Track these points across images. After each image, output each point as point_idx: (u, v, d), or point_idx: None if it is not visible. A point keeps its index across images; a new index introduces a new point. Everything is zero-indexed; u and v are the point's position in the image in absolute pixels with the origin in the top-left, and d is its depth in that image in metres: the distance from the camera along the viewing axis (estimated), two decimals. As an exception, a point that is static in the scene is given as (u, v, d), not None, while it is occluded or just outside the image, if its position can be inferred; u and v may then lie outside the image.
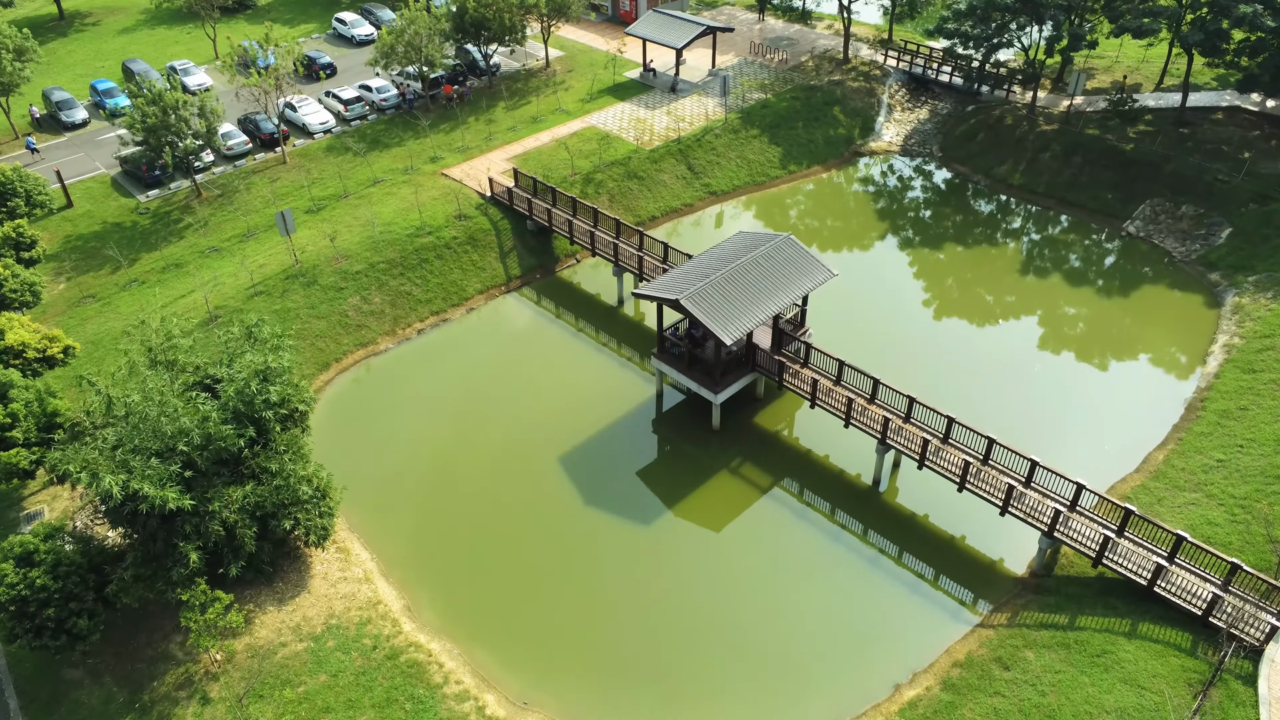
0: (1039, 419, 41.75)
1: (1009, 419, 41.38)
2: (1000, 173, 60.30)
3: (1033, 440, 40.18)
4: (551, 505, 38.73)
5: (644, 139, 60.46)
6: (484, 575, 35.98)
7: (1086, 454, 39.90)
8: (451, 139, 61.22)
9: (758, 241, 42.29)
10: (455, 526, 37.94)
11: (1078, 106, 62.37)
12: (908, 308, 49.52)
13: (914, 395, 37.93)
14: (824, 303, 47.12)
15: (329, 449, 40.89)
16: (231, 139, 59.49)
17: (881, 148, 64.81)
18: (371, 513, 38.52)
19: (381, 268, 49.49)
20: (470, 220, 52.97)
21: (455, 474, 40.22)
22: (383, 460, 40.88)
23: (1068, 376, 44.41)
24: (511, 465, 40.51)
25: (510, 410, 43.32)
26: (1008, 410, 42.02)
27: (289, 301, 46.96)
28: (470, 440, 41.84)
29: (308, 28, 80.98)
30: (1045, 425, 41.38)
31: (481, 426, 42.55)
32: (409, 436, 42.04)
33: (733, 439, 41.86)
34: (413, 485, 39.74)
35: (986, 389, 43.43)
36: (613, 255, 48.57)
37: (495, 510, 38.55)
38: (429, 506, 38.81)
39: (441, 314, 49.34)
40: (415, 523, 38.16)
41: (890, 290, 50.84)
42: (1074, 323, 48.29)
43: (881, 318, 48.50)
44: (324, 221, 52.96)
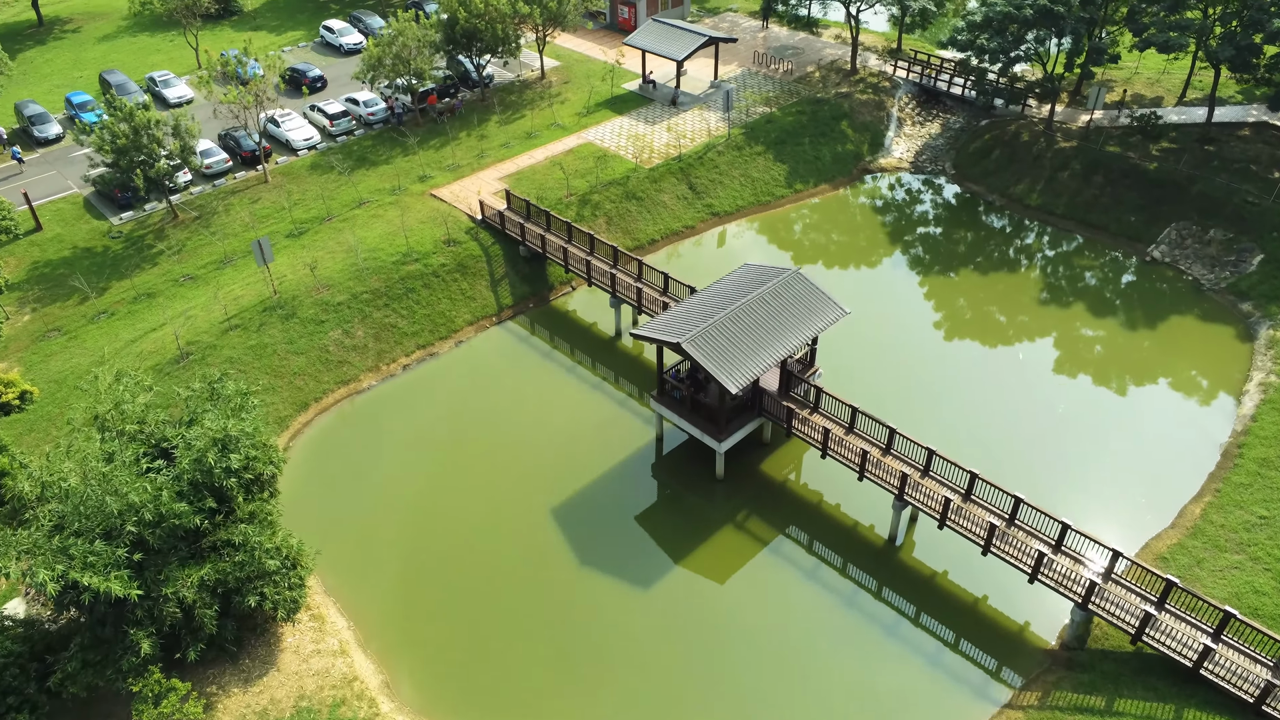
0: (1065, 466, 39.05)
1: (1032, 466, 38.77)
2: (1017, 192, 57.51)
3: (1060, 491, 37.62)
4: (545, 562, 36.04)
5: (643, 156, 57.67)
6: (471, 642, 33.27)
7: (1117, 506, 37.22)
8: (441, 156, 58.41)
9: (764, 276, 39.55)
10: (441, 586, 35.23)
11: (1097, 121, 59.57)
12: (921, 338, 46.78)
13: (933, 447, 35.18)
14: (834, 334, 44.38)
15: (305, 500, 38.25)
16: (210, 157, 56.69)
17: (891, 164, 62.01)
18: (350, 572, 35.81)
19: (365, 298, 46.72)
20: (460, 246, 50.19)
21: (441, 526, 37.51)
22: (363, 511, 38.17)
23: (1093, 417, 41.67)
24: (502, 517, 37.81)
25: (501, 455, 40.62)
26: (1031, 456, 39.36)
27: (266, 336, 44.20)
28: (458, 488, 39.14)
29: (295, 35, 78.10)
30: (1072, 473, 38.67)
31: (470, 473, 39.85)
32: (392, 485, 39.32)
33: (738, 487, 39.16)
34: (395, 540, 37.03)
35: (1007, 431, 40.72)
36: (609, 286, 45.82)
37: (484, 568, 35.86)
38: (413, 564, 36.10)
39: (428, 347, 46.59)
40: (397, 582, 35.45)
41: (903, 320, 48.08)
42: (1098, 357, 45.55)
43: (894, 350, 45.76)
44: (305, 247, 50.20)
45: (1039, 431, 40.89)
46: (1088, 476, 38.65)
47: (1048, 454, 39.69)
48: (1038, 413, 41.93)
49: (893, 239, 55.11)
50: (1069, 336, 46.92)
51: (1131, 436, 40.60)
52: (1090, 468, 39.06)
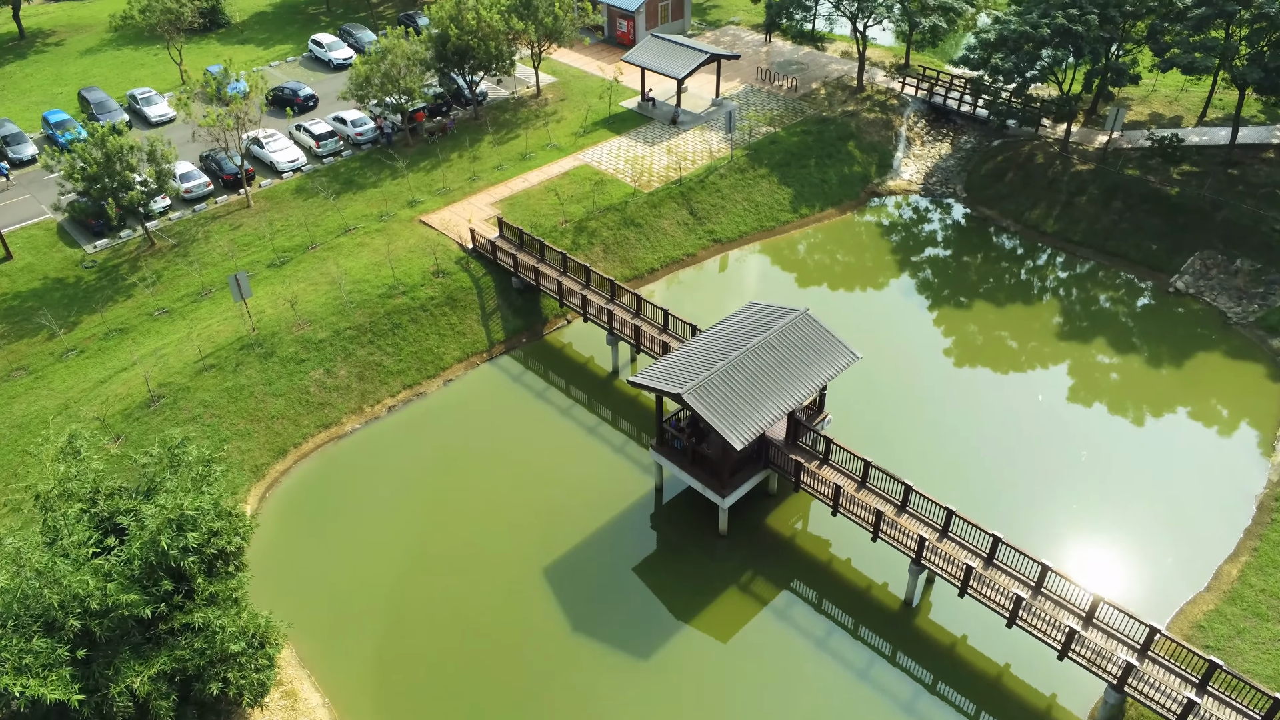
0: (1090, 521, 36.64)
1: (1055, 520, 36.42)
2: (1031, 218, 55.12)
3: (1086, 551, 35.28)
4: (536, 627, 33.61)
5: (642, 180, 55.29)
6: (458, 716, 30.92)
7: (1147, 567, 34.84)
8: (432, 179, 56.03)
9: (770, 318, 37.17)
10: (425, 655, 32.79)
11: (1115, 143, 57.21)
12: (934, 376, 44.37)
13: (952, 507, 32.75)
14: (843, 373, 41.97)
15: (280, 558, 35.86)
16: (190, 180, 54.30)
17: (900, 187, 59.62)
18: (327, 639, 33.39)
19: (349, 335, 44.31)
20: (449, 277, 47.79)
21: (427, 587, 35.07)
22: (342, 571, 35.74)
23: (1117, 465, 39.26)
24: (491, 576, 35.38)
25: (490, 505, 38.21)
26: (1053, 510, 36.98)
27: (242, 377, 41.79)
28: (445, 544, 36.72)
29: (282, 49, 75.73)
30: (1098, 529, 36.26)
31: (458, 526, 37.43)
32: (374, 540, 36.89)
33: (742, 542, 36.74)
34: (376, 602, 34.59)
35: (1027, 482, 38.31)
36: (606, 322, 43.42)
37: (471, 633, 33.42)
38: (395, 629, 33.66)
39: (415, 387, 44.18)
40: (378, 651, 33.01)
41: (914, 355, 45.68)
42: (1120, 397, 43.14)
43: (906, 389, 43.35)
44: (287, 278, 47.80)
45: (1061, 482, 38.47)
46: (1114, 533, 36.24)
47: (1071, 507, 37.28)
48: (1059, 460, 39.51)
49: (903, 267, 52.70)
50: (1089, 374, 44.53)
51: (1158, 487, 38.19)
52: (1116, 523, 36.65)
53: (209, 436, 39.49)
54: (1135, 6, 50.76)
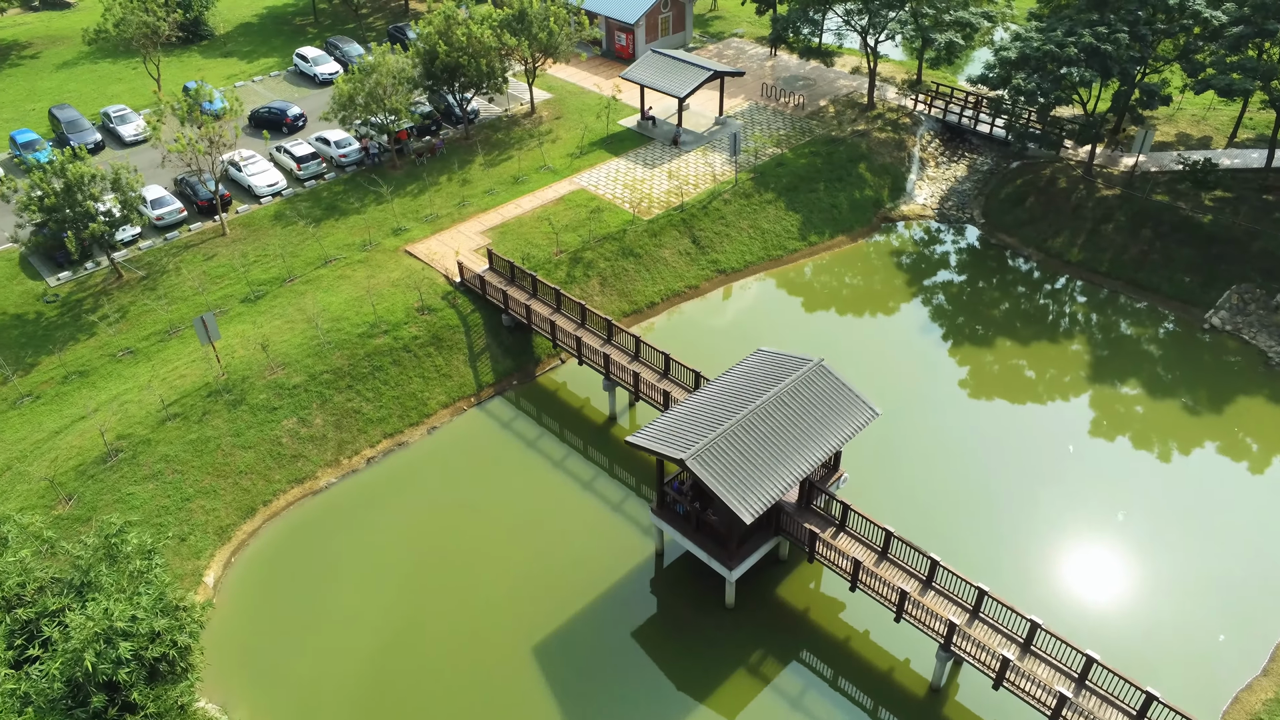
0: (1133, 595, 33.45)
1: (1096, 597, 33.18)
2: (1054, 246, 51.94)
3: (1130, 631, 32.02)
4: (528, 710, 30.43)
5: (641, 205, 52.15)
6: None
7: (1197, 645, 31.66)
8: (419, 205, 52.89)
9: (781, 369, 34.02)
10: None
11: (1142, 166, 54.09)
12: (955, 422, 41.18)
13: (984, 587, 29.58)
14: (859, 428, 38.86)
15: (244, 638, 32.69)
16: (162, 206, 51.11)
17: (915, 212, 56.47)
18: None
19: (325, 379, 41.14)
20: (435, 314, 44.63)
21: (407, 664, 31.88)
22: (314, 649, 32.53)
23: (1157, 526, 36.10)
24: (476, 651, 32.18)
25: (476, 569, 35.04)
26: (1092, 582, 33.78)
27: (209, 428, 38.62)
28: (427, 612, 33.52)
29: (267, 63, 72.58)
30: (1141, 604, 33.09)
31: (442, 593, 34.24)
32: (349, 612, 33.69)
33: (751, 614, 33.53)
34: (351, 685, 31.37)
35: (1062, 547, 35.13)
36: (603, 367, 40.26)
37: (457, 717, 30.33)
38: (373, 717, 30.55)
39: (397, 436, 41.01)
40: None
41: (934, 400, 42.51)
42: (1156, 448, 39.98)
43: (926, 437, 40.17)
44: (261, 314, 44.65)
45: (1097, 548, 35.27)
46: (1158, 608, 33.04)
47: (1110, 580, 34.08)
48: (1094, 522, 36.33)
49: (919, 300, 49.51)
50: (1121, 421, 41.35)
51: (1203, 551, 35.02)
52: (1160, 595, 33.46)
53: (170, 495, 36.35)
54: (1168, 24, 47.65)
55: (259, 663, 32.06)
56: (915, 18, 55.28)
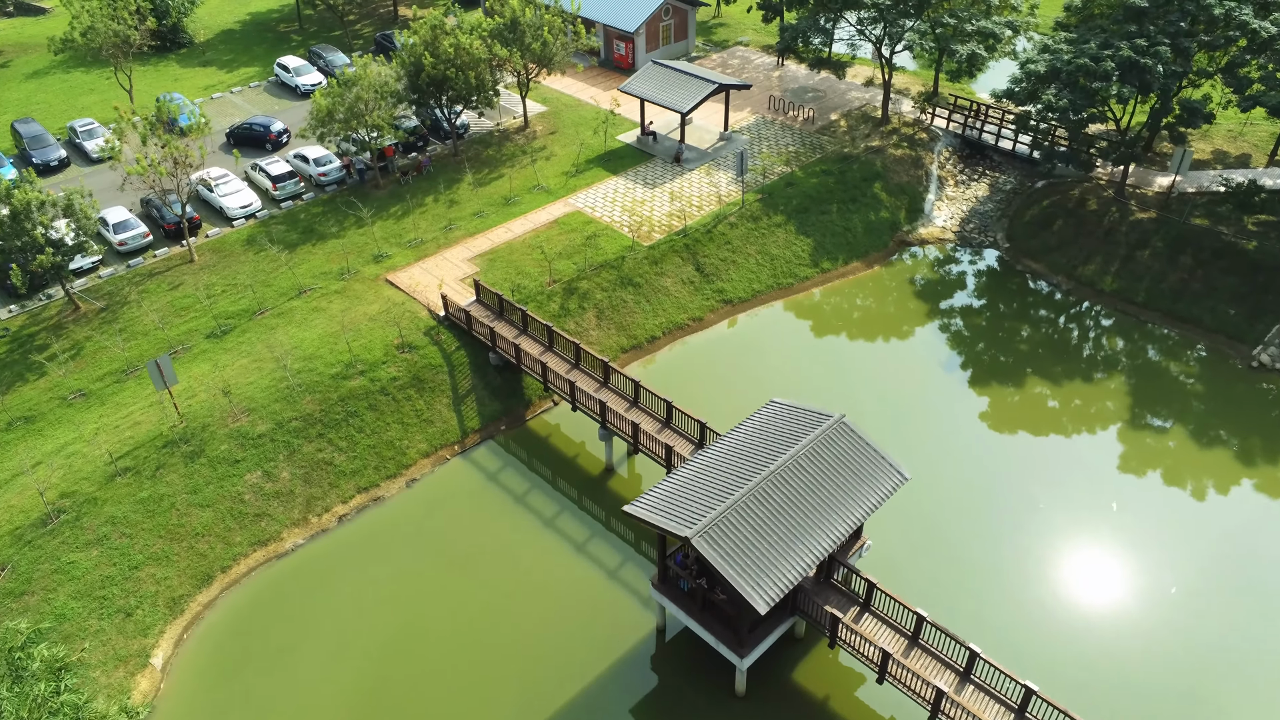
0: (1192, 680, 29.79)
1: (1150, 690, 29.46)
2: (1086, 274, 48.25)
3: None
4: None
5: (641, 229, 48.49)
6: None
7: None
8: (402, 228, 49.23)
9: (797, 427, 30.36)
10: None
11: (1179, 185, 50.43)
12: (987, 476, 37.50)
13: (1031, 685, 25.89)
14: (881, 484, 35.13)
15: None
16: (126, 230, 47.50)
17: (934, 235, 52.78)
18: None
19: (294, 427, 37.48)
20: (416, 352, 40.98)
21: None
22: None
23: (1213, 603, 32.36)
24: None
25: (458, 643, 31.39)
26: (1146, 674, 30.09)
27: (163, 484, 34.95)
28: (404, 694, 29.84)
29: (247, 73, 68.93)
30: (1201, 691, 29.42)
31: (419, 671, 30.56)
32: (315, 693, 30.00)
33: (763, 703, 29.85)
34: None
35: (1109, 628, 31.44)
36: (598, 414, 36.59)
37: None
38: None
39: (372, 490, 37.33)
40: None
41: (962, 449, 38.84)
42: (1206, 505, 36.33)
43: (956, 494, 36.50)
44: (228, 351, 41.01)
45: (1150, 632, 31.57)
46: (1223, 696, 29.37)
47: (1168, 671, 30.39)
48: (1145, 598, 32.62)
49: (940, 332, 45.83)
50: (1166, 474, 37.67)
51: (1268, 635, 31.33)
52: (1224, 683, 29.78)
53: (116, 563, 32.68)
54: (1211, 36, 44.01)
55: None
56: (935, 27, 51.60)
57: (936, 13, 52.79)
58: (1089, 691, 29.06)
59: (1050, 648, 30.68)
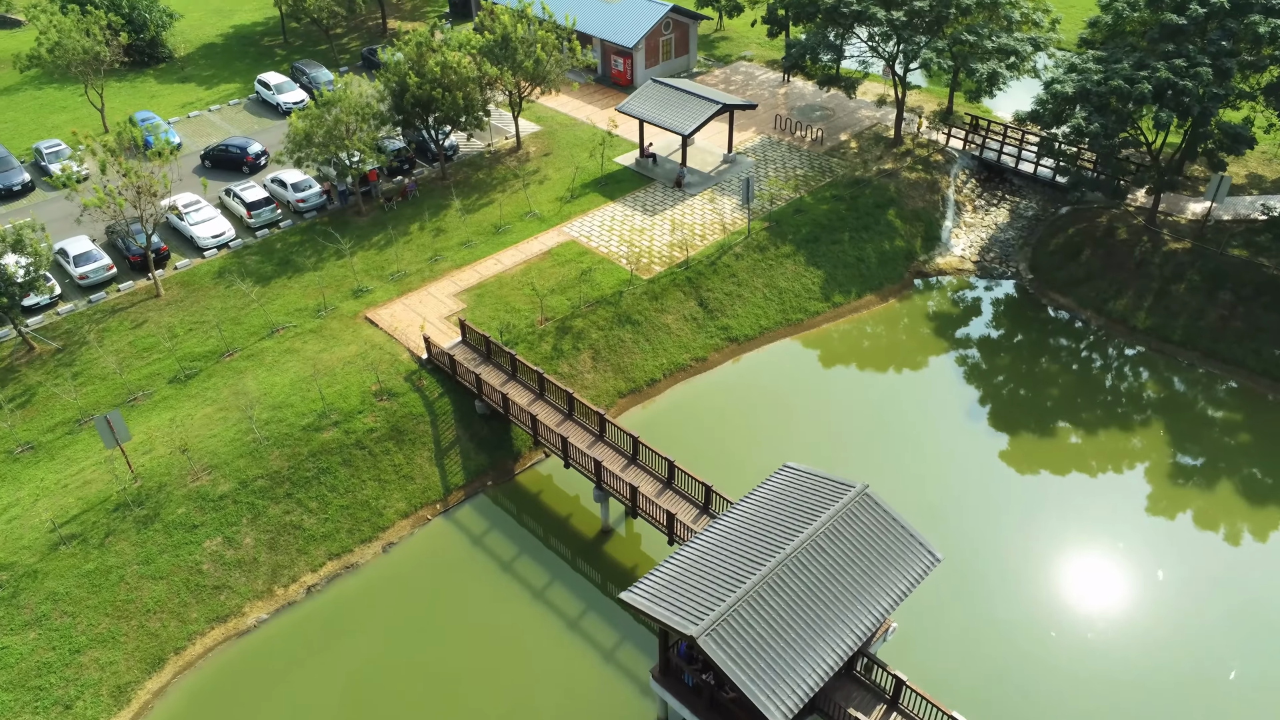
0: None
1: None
2: (1117, 309, 45.02)
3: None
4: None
5: (641, 261, 45.29)
6: None
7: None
8: (385, 259, 46.01)
9: (815, 498, 27.13)
10: None
11: (1214, 213, 47.25)
12: (1018, 538, 34.22)
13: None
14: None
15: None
16: (88, 263, 44.27)
17: (951, 265, 49.55)
18: None
19: (259, 486, 34.20)
20: (396, 399, 37.72)
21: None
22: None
23: (1276, 683, 29.23)
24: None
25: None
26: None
27: (111, 554, 31.65)
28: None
29: (228, 89, 65.74)
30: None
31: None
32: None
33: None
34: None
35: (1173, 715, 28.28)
36: (593, 474, 33.32)
37: None
38: None
39: (345, 556, 34.03)
40: None
41: (988, 505, 35.58)
42: (1261, 572, 33.04)
43: (983, 556, 33.25)
44: (191, 398, 37.75)
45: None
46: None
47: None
48: (1202, 684, 29.34)
49: (961, 373, 42.59)
50: (1215, 535, 34.44)
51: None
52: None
53: (56, 647, 29.40)
54: (1256, 56, 40.88)
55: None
56: (953, 44, 48.44)
57: (954, 29, 49.65)
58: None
59: (1061, 685, 27.48)
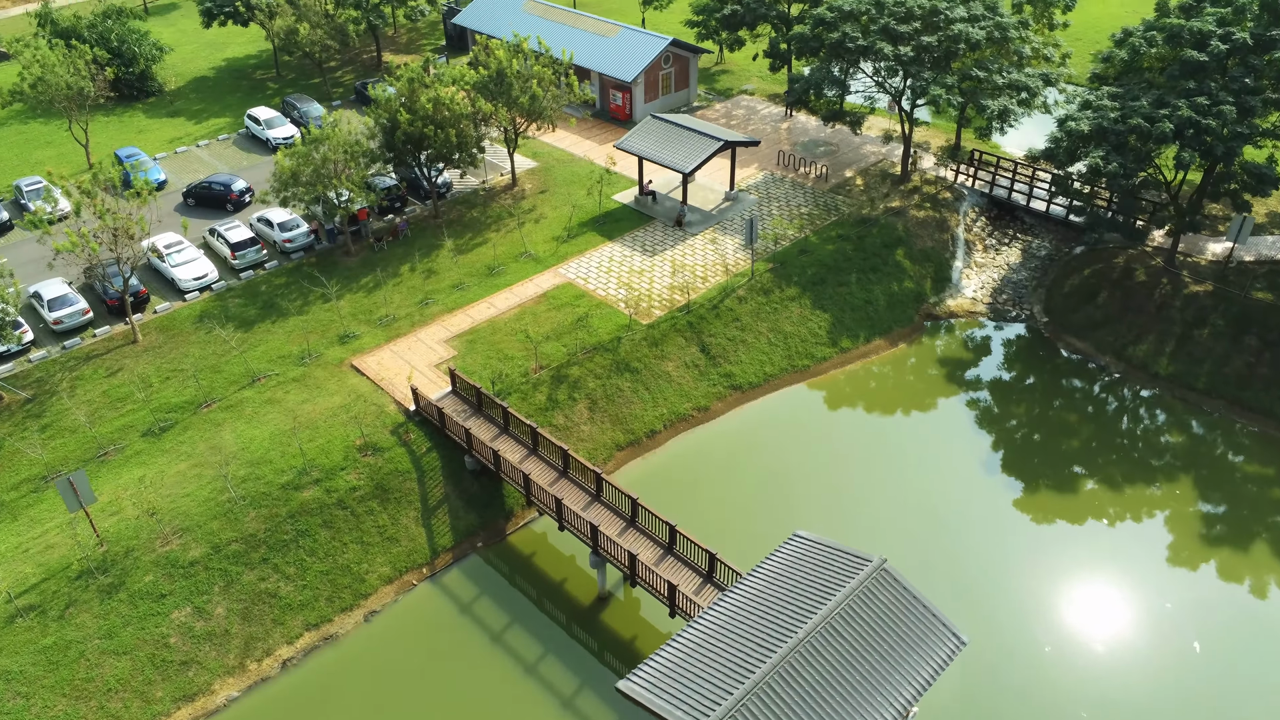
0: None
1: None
2: (1137, 355, 43.13)
3: None
4: None
5: (640, 305, 43.45)
6: None
7: None
8: (373, 303, 44.16)
9: (829, 573, 25.07)
10: None
11: (1235, 253, 45.51)
12: (1043, 607, 32.09)
13: None
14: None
15: None
16: (62, 308, 42.41)
17: (963, 307, 47.71)
18: None
19: (233, 551, 32.10)
20: (382, 454, 35.69)
21: None
22: None
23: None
24: None
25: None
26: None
27: (71, 627, 29.50)
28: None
29: (217, 124, 64.23)
30: None
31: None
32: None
33: None
34: None
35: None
36: (589, 538, 31.25)
37: None
38: None
39: (324, 626, 31.85)
40: None
41: (1009, 572, 33.47)
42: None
43: (1004, 629, 31.09)
44: (164, 453, 35.71)
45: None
46: None
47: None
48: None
49: (978, 424, 40.61)
50: (1253, 598, 32.31)
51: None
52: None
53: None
54: (1279, 93, 39.33)
55: None
56: (962, 80, 46.89)
57: (963, 64, 48.15)
58: None
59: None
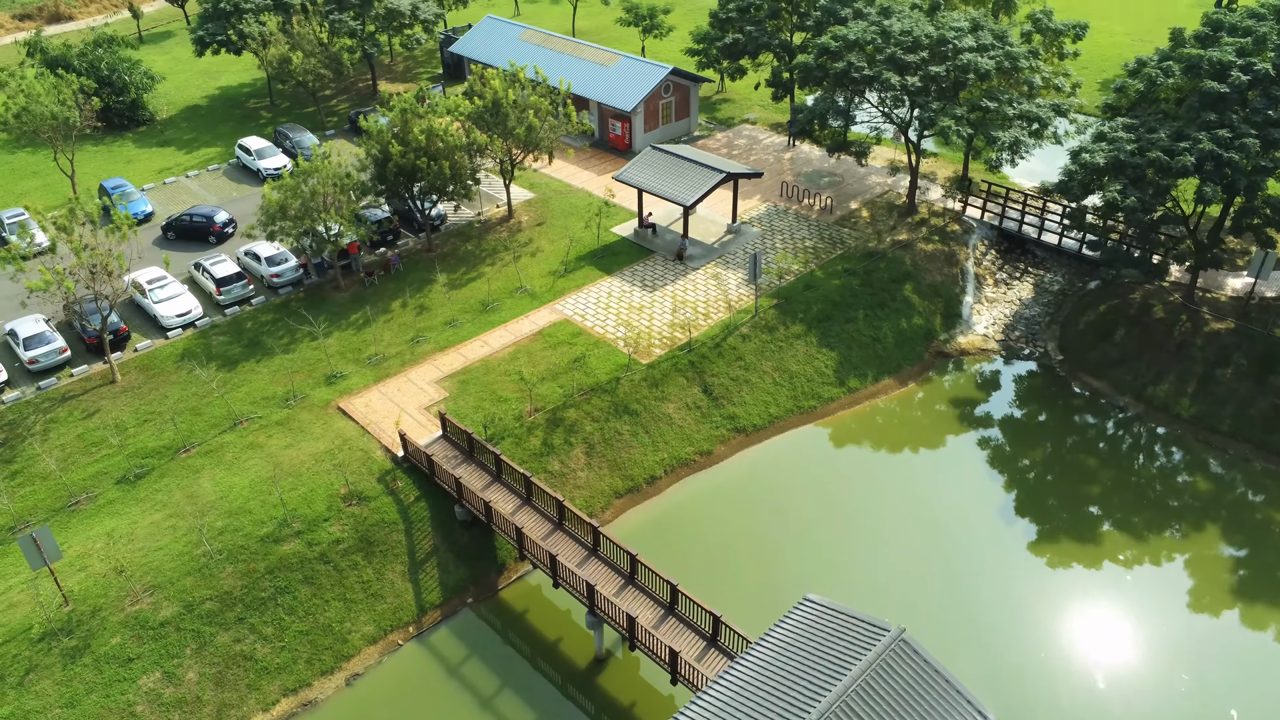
0: None
1: None
2: (1156, 396, 41.42)
3: None
4: None
5: (640, 343, 41.80)
6: None
7: None
8: (362, 340, 42.50)
9: (844, 644, 23.20)
10: None
11: (1257, 290, 43.95)
12: (1071, 674, 30.21)
13: None
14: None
15: None
16: (38, 346, 40.78)
17: (974, 344, 46.04)
18: None
19: (207, 610, 30.22)
20: (367, 504, 33.88)
21: None
22: None
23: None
24: None
25: None
26: None
27: (30, 695, 27.56)
28: None
29: (208, 154, 62.88)
30: None
31: None
32: None
33: None
34: None
35: None
36: (586, 597, 29.39)
37: None
38: None
39: (302, 691, 29.90)
40: None
41: (1034, 636, 31.59)
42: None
43: (1030, 701, 29.19)
44: (139, 502, 33.92)
45: None
46: None
47: None
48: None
49: (992, 468, 38.84)
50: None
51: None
52: None
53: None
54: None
55: None
56: (971, 110, 45.50)
57: (972, 95, 46.80)
58: None
59: None
